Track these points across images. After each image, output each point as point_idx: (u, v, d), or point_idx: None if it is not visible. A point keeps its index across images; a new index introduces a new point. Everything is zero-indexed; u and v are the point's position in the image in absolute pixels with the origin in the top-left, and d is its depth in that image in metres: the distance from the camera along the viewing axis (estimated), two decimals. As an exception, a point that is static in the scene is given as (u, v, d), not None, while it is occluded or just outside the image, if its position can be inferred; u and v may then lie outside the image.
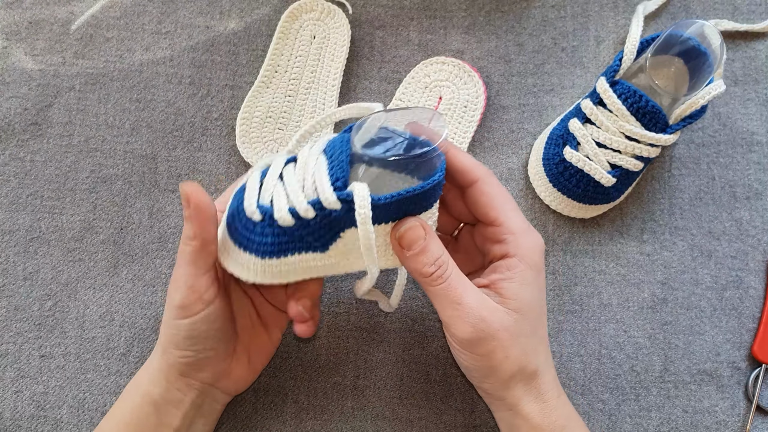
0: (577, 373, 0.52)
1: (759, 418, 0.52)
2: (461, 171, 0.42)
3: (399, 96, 0.56)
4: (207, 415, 0.45)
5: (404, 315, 0.53)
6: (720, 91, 0.48)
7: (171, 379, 0.42)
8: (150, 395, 0.42)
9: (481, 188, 0.42)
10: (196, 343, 0.41)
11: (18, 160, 0.55)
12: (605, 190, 0.51)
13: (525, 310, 0.39)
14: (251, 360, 0.45)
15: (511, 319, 0.39)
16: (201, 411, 0.44)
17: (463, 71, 0.55)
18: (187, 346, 0.41)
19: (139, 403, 0.42)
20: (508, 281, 0.40)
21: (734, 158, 0.56)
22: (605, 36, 0.58)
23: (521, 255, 0.40)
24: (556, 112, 0.57)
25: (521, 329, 0.39)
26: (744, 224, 0.55)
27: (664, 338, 0.53)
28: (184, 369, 0.42)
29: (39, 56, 0.56)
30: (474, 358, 0.39)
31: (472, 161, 0.42)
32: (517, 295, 0.39)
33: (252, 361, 0.45)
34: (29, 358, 0.52)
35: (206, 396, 0.44)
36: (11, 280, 0.53)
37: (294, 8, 0.56)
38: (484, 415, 0.52)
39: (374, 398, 0.52)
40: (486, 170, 0.42)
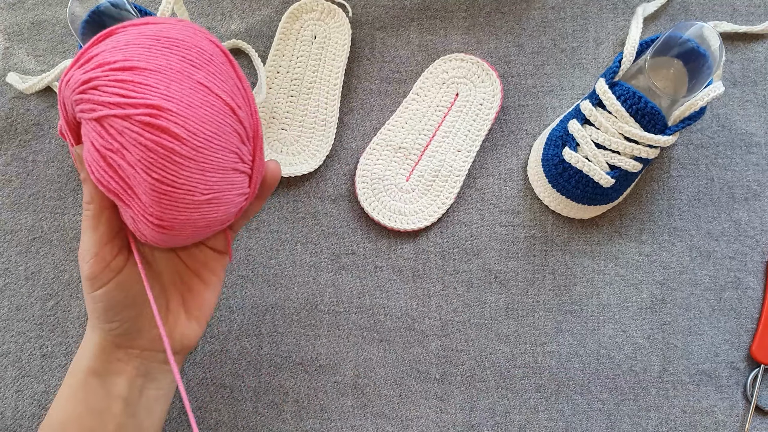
0: (576, 373, 0.53)
1: (758, 418, 0.52)
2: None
3: (416, 90, 0.56)
4: (158, 378, 0.44)
5: (404, 314, 0.53)
6: (719, 92, 0.48)
7: (108, 351, 0.41)
8: (92, 369, 0.41)
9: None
10: (118, 312, 0.40)
11: (20, 160, 0.55)
12: (604, 191, 0.52)
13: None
14: (192, 314, 0.44)
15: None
16: (150, 377, 0.43)
17: (481, 69, 0.56)
18: (110, 317, 0.40)
19: (83, 379, 0.41)
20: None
21: (733, 159, 0.56)
22: (605, 37, 0.58)
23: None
24: (555, 113, 0.57)
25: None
26: (742, 225, 0.55)
27: (663, 339, 0.53)
28: (117, 340, 0.41)
29: (41, 57, 0.56)
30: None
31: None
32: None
33: (193, 315, 0.44)
34: (31, 357, 0.52)
35: (151, 360, 0.43)
36: (13, 280, 0.53)
37: (295, 9, 0.56)
38: (484, 414, 0.52)
39: (374, 397, 0.52)
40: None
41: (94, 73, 0.34)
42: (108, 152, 0.34)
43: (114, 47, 0.35)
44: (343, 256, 0.54)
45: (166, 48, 0.35)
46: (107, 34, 0.36)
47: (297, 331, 0.53)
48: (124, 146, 0.34)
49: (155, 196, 0.35)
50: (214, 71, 0.36)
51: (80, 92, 0.34)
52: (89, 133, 0.35)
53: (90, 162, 0.36)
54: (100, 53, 0.35)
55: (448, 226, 0.55)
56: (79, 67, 0.35)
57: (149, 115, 0.33)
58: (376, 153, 0.55)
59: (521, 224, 0.55)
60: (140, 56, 0.34)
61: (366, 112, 0.57)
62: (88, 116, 0.34)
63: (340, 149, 0.56)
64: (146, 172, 0.34)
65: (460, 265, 0.54)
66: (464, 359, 0.53)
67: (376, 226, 0.55)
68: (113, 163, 0.35)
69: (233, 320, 0.53)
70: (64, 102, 0.36)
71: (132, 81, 0.34)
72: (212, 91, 0.35)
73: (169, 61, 0.35)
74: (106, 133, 0.34)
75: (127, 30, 0.36)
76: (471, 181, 0.56)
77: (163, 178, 0.34)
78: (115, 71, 0.34)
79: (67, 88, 0.35)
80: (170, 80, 0.34)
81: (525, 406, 0.52)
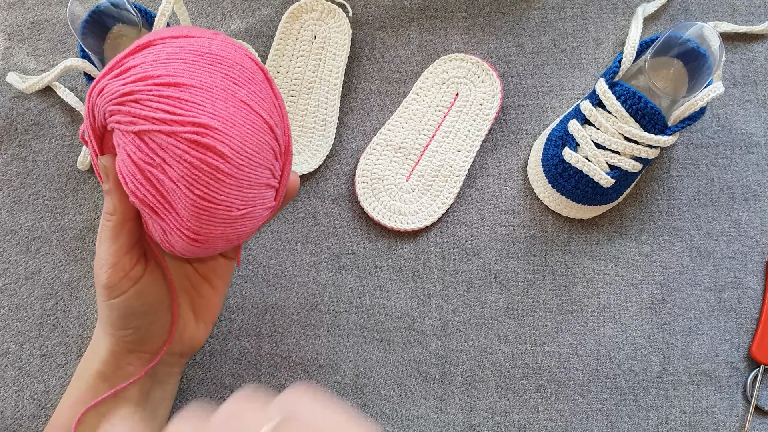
0: (575, 373, 0.53)
1: (757, 418, 0.52)
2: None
3: (416, 90, 0.56)
4: (164, 381, 0.45)
5: (404, 314, 0.53)
6: (719, 92, 0.48)
7: (119, 356, 0.42)
8: (102, 374, 0.42)
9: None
10: (133, 320, 0.40)
11: (20, 159, 0.55)
12: (604, 191, 0.52)
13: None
14: (201, 317, 0.45)
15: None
16: (157, 379, 0.44)
17: (481, 69, 0.56)
18: (125, 324, 0.40)
19: (93, 383, 0.42)
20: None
21: (733, 160, 0.56)
22: (604, 38, 0.58)
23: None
24: (555, 113, 0.57)
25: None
26: (742, 225, 0.55)
27: (663, 339, 0.53)
28: (130, 346, 0.42)
29: (41, 56, 0.56)
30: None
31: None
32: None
33: (202, 318, 0.45)
34: (30, 357, 0.52)
35: (160, 363, 0.44)
36: (13, 280, 0.53)
37: (295, 9, 0.56)
38: (484, 414, 0.52)
39: (374, 397, 0.52)
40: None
41: (136, 86, 0.34)
42: (147, 166, 0.34)
43: (155, 60, 0.35)
44: (343, 256, 0.54)
45: (210, 65, 0.35)
46: (145, 45, 0.36)
47: (297, 331, 0.53)
48: (167, 162, 0.34)
49: (195, 212, 0.35)
50: (255, 89, 0.36)
51: (117, 103, 0.34)
52: (125, 145, 0.35)
53: (125, 174, 0.35)
54: (139, 65, 0.35)
55: (448, 226, 0.55)
56: (115, 77, 0.35)
57: (196, 133, 0.34)
58: (376, 153, 0.55)
59: (521, 224, 0.55)
60: (185, 72, 0.34)
61: (366, 112, 0.57)
62: (125, 128, 0.34)
63: (340, 149, 0.56)
64: (189, 188, 0.34)
65: (460, 265, 0.54)
66: (464, 359, 0.53)
67: (376, 226, 0.55)
68: (152, 177, 0.35)
69: (233, 320, 0.53)
70: (93, 109, 0.36)
71: (178, 98, 0.34)
72: (253, 110, 0.36)
73: (213, 78, 0.35)
74: (146, 147, 0.34)
75: (165, 42, 0.36)
76: (471, 181, 0.56)
77: (206, 194, 0.35)
78: (159, 86, 0.34)
79: (101, 98, 0.35)
80: (215, 98, 0.34)
81: (525, 406, 0.52)
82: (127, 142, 0.35)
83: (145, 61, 0.35)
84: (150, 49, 0.35)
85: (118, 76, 0.35)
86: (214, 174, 0.34)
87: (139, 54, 0.35)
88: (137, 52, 0.36)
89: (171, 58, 0.35)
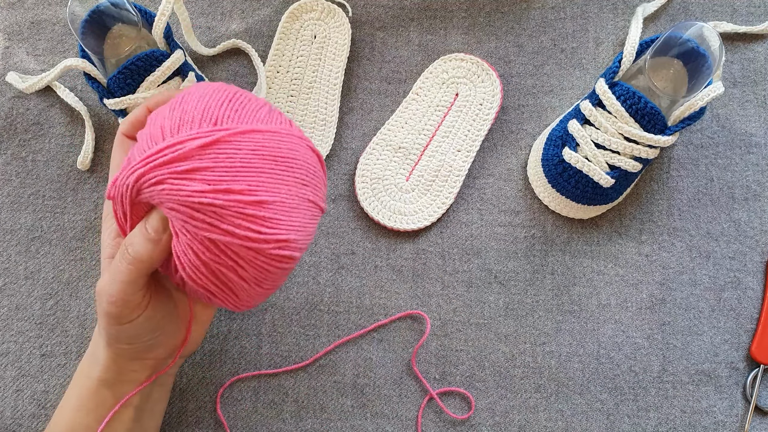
0: (575, 373, 0.53)
1: (757, 418, 0.52)
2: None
3: (416, 90, 0.56)
4: (162, 382, 0.45)
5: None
6: (719, 92, 0.48)
7: (122, 363, 0.42)
8: (104, 380, 0.42)
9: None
10: (142, 336, 0.40)
11: (20, 159, 0.55)
12: (604, 191, 0.52)
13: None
14: (198, 321, 0.45)
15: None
16: (157, 381, 0.44)
17: (481, 69, 0.56)
18: (133, 341, 0.40)
19: (95, 389, 0.42)
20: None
21: (732, 160, 0.56)
22: (604, 38, 0.58)
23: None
24: (555, 113, 0.57)
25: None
26: (742, 225, 0.55)
27: (663, 339, 0.53)
28: (136, 355, 0.42)
29: (41, 56, 0.56)
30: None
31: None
32: None
33: (199, 322, 0.45)
34: (30, 356, 0.52)
35: (161, 365, 0.44)
36: (13, 279, 0.53)
37: (294, 8, 0.56)
38: (484, 414, 0.52)
39: (373, 397, 0.52)
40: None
41: (217, 198, 0.34)
42: (217, 265, 0.36)
43: (230, 168, 0.35)
44: (343, 255, 0.54)
45: (284, 171, 0.36)
46: (213, 143, 0.35)
47: (297, 331, 0.53)
48: (240, 264, 0.36)
49: (254, 296, 0.38)
50: (316, 182, 0.39)
51: (190, 207, 0.34)
52: (192, 243, 0.35)
53: (186, 264, 0.36)
54: (211, 169, 0.35)
55: (447, 226, 0.55)
56: (181, 176, 0.35)
57: (278, 248, 0.36)
58: (375, 153, 0.55)
59: (521, 224, 0.55)
60: (265, 187, 0.35)
61: (366, 112, 0.57)
62: (198, 232, 0.35)
63: (340, 149, 0.56)
64: (258, 285, 0.37)
65: (460, 265, 0.54)
66: (464, 359, 0.53)
67: (375, 226, 0.55)
68: (218, 272, 0.36)
69: (233, 320, 0.53)
70: (138, 189, 0.36)
71: (263, 217, 0.35)
72: (317, 205, 0.39)
73: (288, 186, 0.36)
74: (217, 249, 0.35)
75: (235, 141, 0.36)
76: (471, 181, 0.56)
77: (271, 286, 0.38)
78: (242, 204, 0.35)
79: (158, 189, 0.35)
80: (292, 208, 0.36)
81: (524, 406, 0.52)
82: (193, 241, 0.35)
83: (217, 166, 0.35)
84: (220, 148, 0.35)
85: (186, 175, 0.35)
86: (284, 272, 0.38)
87: (207, 154, 0.35)
88: (204, 148, 0.35)
89: (247, 167, 0.35)
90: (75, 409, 0.42)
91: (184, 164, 0.35)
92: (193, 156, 0.35)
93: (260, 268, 0.36)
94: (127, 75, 0.48)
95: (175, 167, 0.35)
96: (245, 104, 0.38)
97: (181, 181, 0.35)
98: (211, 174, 0.35)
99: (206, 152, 0.35)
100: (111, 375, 0.42)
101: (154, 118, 0.38)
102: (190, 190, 0.34)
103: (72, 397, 0.43)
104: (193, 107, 0.37)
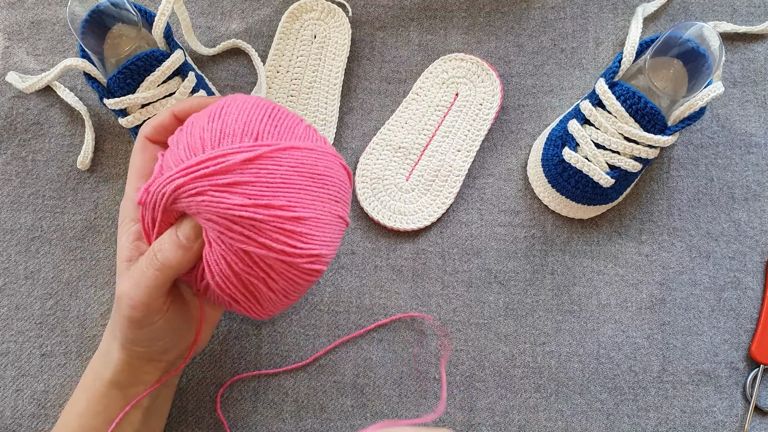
0: (575, 373, 0.53)
1: (757, 418, 0.52)
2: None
3: (416, 90, 0.56)
4: (170, 384, 0.46)
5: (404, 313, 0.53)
6: (719, 92, 0.48)
7: (136, 365, 0.42)
8: (115, 382, 0.42)
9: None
10: (158, 339, 0.41)
11: (20, 159, 0.55)
12: (604, 191, 0.52)
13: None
14: (210, 321, 0.46)
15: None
16: (166, 382, 0.45)
17: (481, 69, 0.56)
18: (150, 344, 0.41)
19: (105, 391, 0.42)
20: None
21: (732, 160, 0.56)
22: (604, 37, 0.58)
23: None
24: (555, 113, 0.57)
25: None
26: (742, 225, 0.55)
27: (663, 339, 0.53)
28: (151, 357, 0.42)
29: (41, 56, 0.56)
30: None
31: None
32: None
33: (211, 322, 0.46)
34: (30, 356, 0.52)
35: (172, 366, 0.44)
36: (12, 279, 0.53)
37: (294, 8, 0.56)
38: (484, 414, 0.52)
39: (373, 397, 0.52)
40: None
41: (258, 213, 0.35)
42: (247, 276, 0.37)
43: (270, 183, 0.36)
44: (343, 255, 0.54)
45: (320, 188, 0.37)
46: (255, 158, 0.36)
47: (297, 331, 0.53)
48: (271, 276, 0.37)
49: (279, 306, 0.39)
50: (346, 199, 0.40)
51: (229, 219, 0.35)
52: (226, 254, 0.36)
53: (217, 273, 0.37)
54: (252, 184, 0.35)
55: (447, 226, 0.55)
56: (221, 189, 0.35)
57: (311, 263, 0.37)
58: (375, 153, 0.55)
59: (521, 224, 0.55)
60: (303, 203, 0.36)
61: (366, 112, 0.57)
62: (234, 243, 0.36)
63: (339, 149, 0.56)
64: (285, 296, 0.38)
65: (460, 265, 0.54)
66: (464, 359, 0.53)
67: (375, 226, 0.55)
68: (248, 282, 0.37)
69: (233, 320, 0.53)
70: (175, 198, 0.36)
71: (300, 232, 0.36)
72: (344, 220, 0.40)
73: (323, 202, 0.37)
74: (250, 260, 0.36)
75: (276, 158, 0.36)
76: (471, 181, 0.56)
77: (295, 298, 0.39)
78: (281, 219, 0.35)
79: (202, 205, 0.35)
80: (325, 224, 0.37)
81: (524, 406, 0.52)
82: (228, 251, 0.36)
83: (258, 181, 0.36)
84: (261, 164, 0.36)
85: (227, 189, 0.35)
86: (310, 284, 0.39)
87: (249, 169, 0.36)
88: (246, 163, 0.36)
89: (286, 183, 0.36)
90: (84, 411, 0.42)
91: (226, 177, 0.35)
92: (235, 170, 0.35)
93: (290, 280, 0.37)
94: (127, 75, 0.48)
95: (216, 180, 0.35)
96: (284, 120, 0.39)
97: (222, 194, 0.35)
98: (252, 188, 0.35)
99: (248, 167, 0.36)
100: (124, 377, 0.42)
101: (191, 127, 0.38)
102: (231, 203, 0.35)
103: (81, 399, 0.43)
104: (234, 120, 0.37)
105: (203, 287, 0.40)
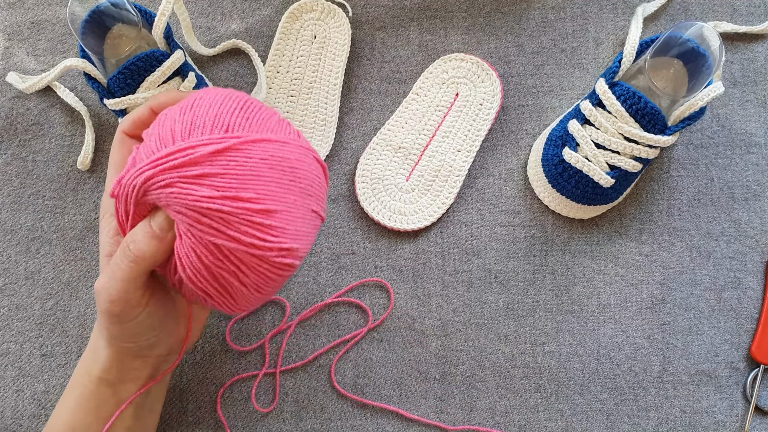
0: (575, 373, 0.53)
1: (757, 418, 0.52)
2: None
3: (416, 90, 0.56)
4: (162, 381, 0.46)
5: (404, 314, 0.53)
6: (719, 92, 0.48)
7: (125, 362, 0.42)
8: (104, 379, 0.42)
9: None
10: (143, 334, 0.40)
11: (20, 159, 0.55)
12: (604, 191, 0.52)
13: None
14: (198, 317, 0.46)
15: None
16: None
17: (481, 69, 0.56)
18: (134, 339, 0.40)
19: (94, 389, 0.42)
20: None
21: (733, 160, 0.56)
22: (604, 38, 0.58)
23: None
24: (555, 113, 0.57)
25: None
26: (742, 225, 0.55)
27: (663, 339, 0.53)
28: (138, 353, 0.42)
29: (41, 56, 0.56)
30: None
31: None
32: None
33: (199, 318, 0.46)
34: (30, 356, 0.52)
35: (162, 362, 0.44)
36: (13, 280, 0.53)
37: (294, 8, 0.56)
38: (484, 414, 0.52)
39: (374, 397, 0.52)
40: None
41: (225, 204, 0.35)
42: (218, 269, 0.36)
43: (239, 175, 0.35)
44: (343, 255, 0.54)
45: (291, 181, 0.37)
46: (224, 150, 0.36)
47: (297, 331, 0.53)
48: (242, 270, 0.36)
49: (252, 301, 0.39)
50: (319, 193, 0.39)
51: (197, 212, 0.35)
52: (196, 247, 0.36)
53: (188, 266, 0.37)
54: (221, 176, 0.35)
55: (447, 226, 0.55)
56: (190, 181, 0.35)
57: (281, 256, 0.36)
58: (376, 153, 0.55)
59: (521, 224, 0.55)
60: (273, 196, 0.36)
61: (366, 112, 0.57)
62: (203, 237, 0.35)
63: (340, 149, 0.56)
64: (257, 291, 0.38)
65: (460, 265, 0.54)
66: (464, 359, 0.53)
67: (376, 226, 0.55)
68: (220, 276, 0.37)
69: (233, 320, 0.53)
70: (146, 190, 0.36)
71: (269, 225, 0.35)
72: (318, 215, 0.39)
73: (294, 196, 0.37)
74: (220, 254, 0.36)
75: (245, 149, 0.36)
76: (471, 181, 0.56)
77: (270, 292, 0.39)
78: (249, 212, 0.35)
79: (171, 197, 0.35)
80: (295, 217, 0.37)
81: (524, 406, 0.52)
82: (198, 244, 0.36)
83: (227, 173, 0.35)
84: (230, 155, 0.36)
85: (195, 180, 0.35)
86: (284, 279, 0.38)
87: (218, 161, 0.35)
88: (215, 155, 0.35)
89: (256, 175, 0.36)
90: (75, 408, 0.42)
91: (195, 169, 0.35)
92: (203, 161, 0.35)
93: (261, 274, 0.37)
94: (127, 75, 0.48)
95: (185, 171, 0.35)
96: (256, 113, 0.38)
97: (190, 185, 0.35)
98: (221, 180, 0.35)
99: (217, 158, 0.35)
100: (112, 374, 0.42)
101: (163, 120, 0.38)
102: (199, 195, 0.34)
103: (71, 396, 0.43)
104: (205, 112, 0.37)
105: (177, 281, 0.39)
